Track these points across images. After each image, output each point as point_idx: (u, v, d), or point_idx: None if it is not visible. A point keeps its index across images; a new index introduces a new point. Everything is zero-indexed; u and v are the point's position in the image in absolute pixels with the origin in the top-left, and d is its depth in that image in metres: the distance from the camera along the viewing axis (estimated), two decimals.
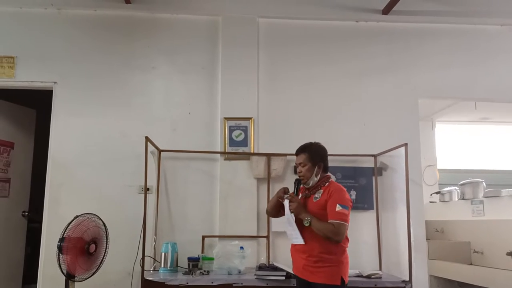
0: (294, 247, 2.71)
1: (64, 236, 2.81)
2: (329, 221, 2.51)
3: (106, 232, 3.06)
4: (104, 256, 3.04)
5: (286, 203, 2.67)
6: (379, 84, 4.07)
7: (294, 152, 2.72)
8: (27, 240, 4.47)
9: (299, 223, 2.61)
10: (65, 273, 2.80)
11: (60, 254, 2.78)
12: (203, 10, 4.06)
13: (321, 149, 2.75)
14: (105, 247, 3.05)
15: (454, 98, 4.47)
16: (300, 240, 2.61)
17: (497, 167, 6.18)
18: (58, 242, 2.79)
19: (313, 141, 2.79)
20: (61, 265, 2.78)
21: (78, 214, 2.92)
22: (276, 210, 2.83)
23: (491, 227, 4.17)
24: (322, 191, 2.65)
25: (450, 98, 4.55)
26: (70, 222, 2.86)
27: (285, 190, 2.76)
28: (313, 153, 2.69)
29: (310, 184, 2.70)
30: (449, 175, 5.97)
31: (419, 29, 4.20)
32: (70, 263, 2.80)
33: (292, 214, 2.62)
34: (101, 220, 3.03)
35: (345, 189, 2.65)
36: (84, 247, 2.86)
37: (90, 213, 2.98)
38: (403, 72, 4.11)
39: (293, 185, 2.76)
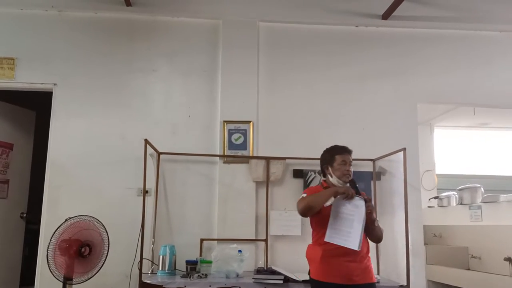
0: (336, 250, 2.51)
1: (55, 238, 2.79)
2: None
3: (107, 234, 3.04)
4: (102, 259, 3.02)
5: (358, 203, 2.51)
6: (379, 88, 4.09)
7: (292, 156, 2.69)
8: (25, 241, 4.47)
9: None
10: (55, 275, 2.79)
11: (50, 257, 2.77)
12: (204, 13, 4.07)
13: None
14: (102, 249, 3.02)
15: (453, 103, 4.50)
16: (356, 244, 2.45)
17: (495, 173, 6.19)
18: (48, 244, 2.79)
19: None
20: (50, 267, 2.77)
21: (70, 216, 2.91)
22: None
23: (489, 232, 4.18)
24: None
25: (449, 103, 4.57)
26: (61, 225, 2.85)
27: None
28: None
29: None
30: (448, 180, 5.98)
31: (419, 34, 4.22)
32: (61, 266, 2.79)
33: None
34: (100, 222, 3.02)
35: None
36: (77, 250, 2.84)
37: (85, 215, 2.96)
38: (402, 76, 4.13)
39: (353, 186, 2.60)
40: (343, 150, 2.75)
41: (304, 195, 2.69)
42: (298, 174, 3.85)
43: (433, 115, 5.61)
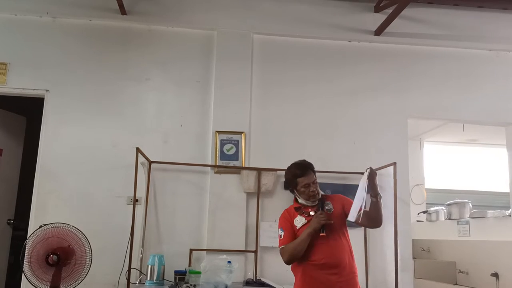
0: (316, 264, 2.46)
1: (26, 246, 2.77)
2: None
3: (87, 242, 2.98)
4: (80, 268, 2.95)
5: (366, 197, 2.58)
6: (370, 102, 4.13)
7: (284, 167, 2.68)
8: (11, 248, 4.39)
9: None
10: (32, 283, 2.77)
11: (24, 265, 2.74)
12: (199, 24, 4.10)
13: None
14: (76, 258, 2.95)
15: (443, 119, 4.55)
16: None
17: (483, 189, 6.26)
18: (21, 252, 2.77)
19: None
20: (27, 276, 2.75)
21: (45, 223, 2.90)
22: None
23: (476, 247, 4.21)
24: (330, 202, 2.58)
25: (438, 119, 4.62)
26: (34, 232, 2.84)
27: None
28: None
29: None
30: (436, 195, 6.04)
31: (410, 51, 4.28)
32: (33, 274, 2.76)
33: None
34: (78, 229, 2.96)
35: None
36: (45, 258, 2.81)
37: (61, 222, 2.92)
38: (393, 92, 4.18)
39: (320, 207, 2.53)
40: (304, 171, 2.56)
41: (281, 233, 2.55)
42: None
43: (423, 130, 5.69)
